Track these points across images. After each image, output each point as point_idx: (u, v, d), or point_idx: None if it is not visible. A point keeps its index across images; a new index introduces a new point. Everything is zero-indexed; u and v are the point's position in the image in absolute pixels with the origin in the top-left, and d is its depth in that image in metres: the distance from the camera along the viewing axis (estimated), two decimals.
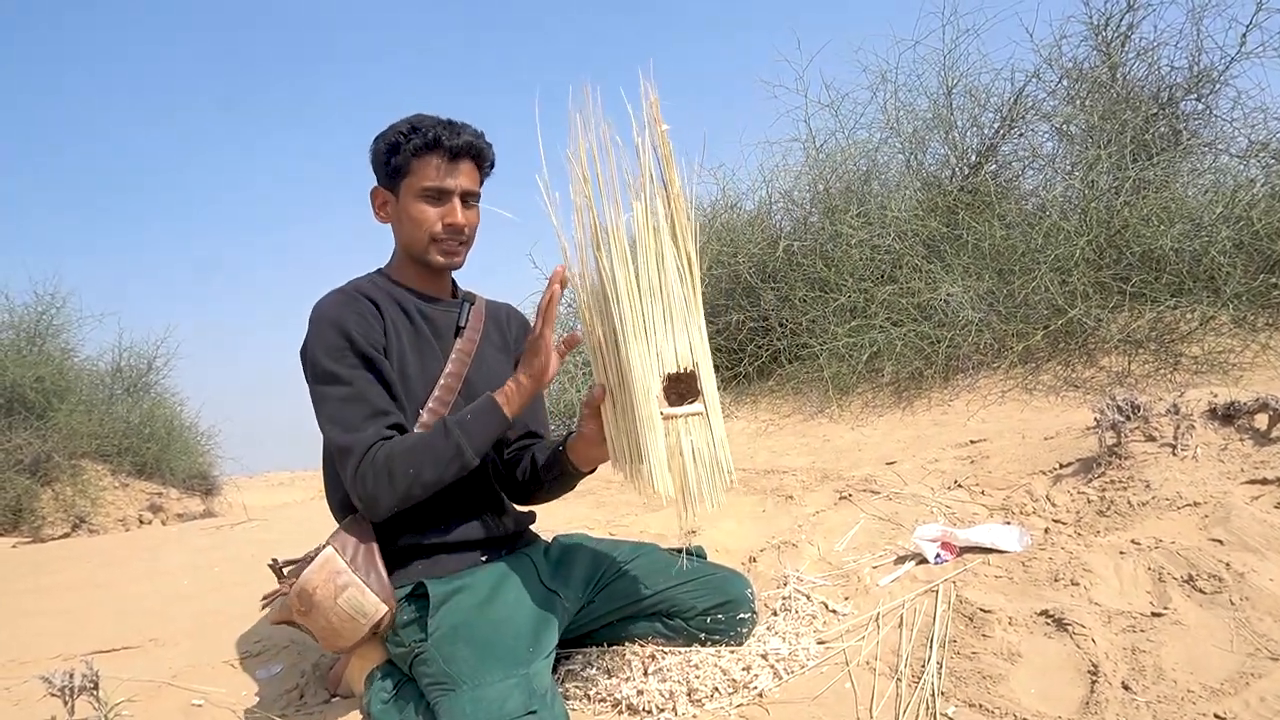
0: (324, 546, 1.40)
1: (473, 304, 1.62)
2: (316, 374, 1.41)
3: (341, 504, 1.50)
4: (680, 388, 1.33)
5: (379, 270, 1.59)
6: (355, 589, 1.36)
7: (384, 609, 1.37)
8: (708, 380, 1.32)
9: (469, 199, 1.52)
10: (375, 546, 1.41)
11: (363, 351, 1.40)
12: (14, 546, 4.11)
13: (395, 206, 1.52)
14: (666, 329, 1.31)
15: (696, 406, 1.31)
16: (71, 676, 1.60)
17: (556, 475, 1.57)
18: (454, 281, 1.65)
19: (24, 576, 2.84)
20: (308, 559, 1.40)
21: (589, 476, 1.63)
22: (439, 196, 1.48)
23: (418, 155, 1.46)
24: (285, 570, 1.44)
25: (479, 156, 1.51)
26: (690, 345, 1.32)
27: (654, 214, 1.31)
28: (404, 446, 1.35)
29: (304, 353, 1.44)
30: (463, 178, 1.49)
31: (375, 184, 1.55)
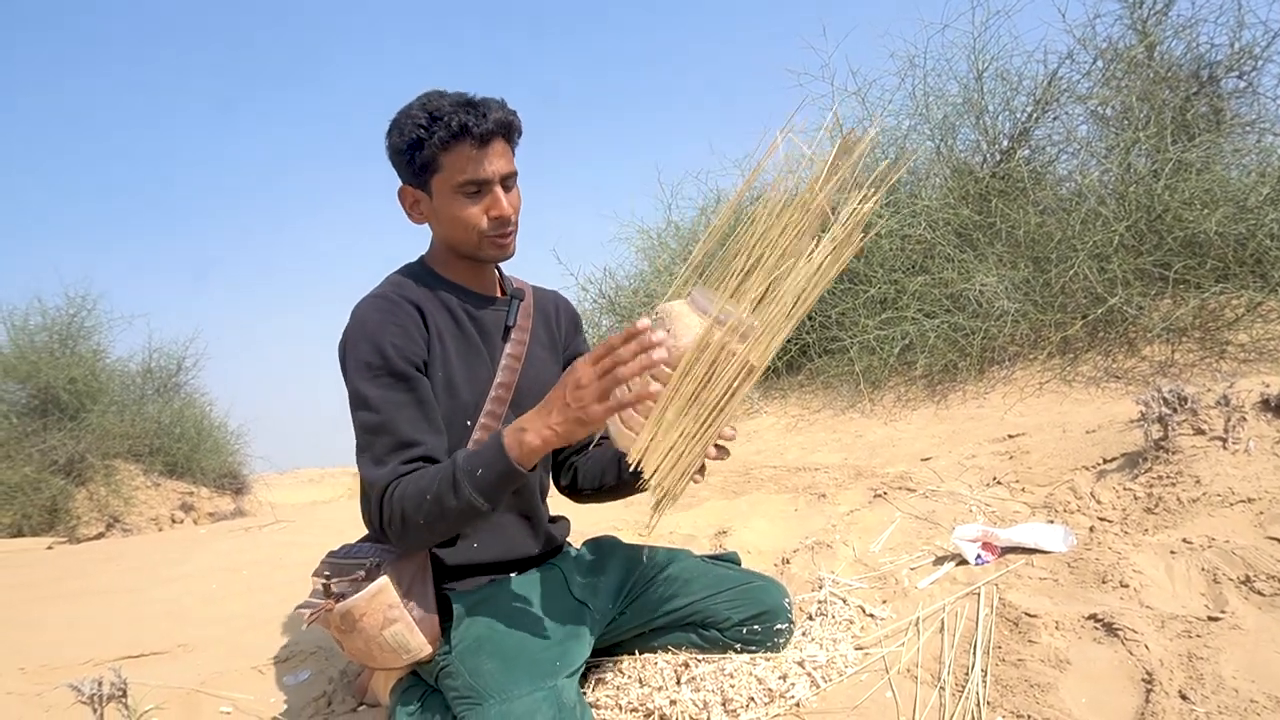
0: (378, 570, 1.31)
1: (522, 300, 1.51)
2: (349, 394, 1.32)
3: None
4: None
5: (420, 261, 1.48)
6: (404, 625, 1.29)
7: (428, 650, 1.32)
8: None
9: (508, 181, 1.37)
10: (430, 581, 1.35)
11: (397, 370, 1.30)
12: (49, 548, 4.16)
13: (430, 205, 1.38)
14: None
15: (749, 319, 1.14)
16: (100, 684, 1.59)
17: (615, 483, 1.51)
18: (501, 273, 1.53)
19: (56, 580, 2.86)
20: (358, 579, 1.31)
21: None
22: (479, 189, 1.34)
23: (445, 148, 1.31)
24: (334, 586, 1.34)
25: (508, 131, 1.36)
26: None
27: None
28: (416, 491, 1.21)
29: (341, 356, 1.35)
30: (498, 160, 1.34)
31: (401, 183, 1.41)
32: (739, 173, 5.40)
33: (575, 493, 1.62)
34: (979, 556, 1.83)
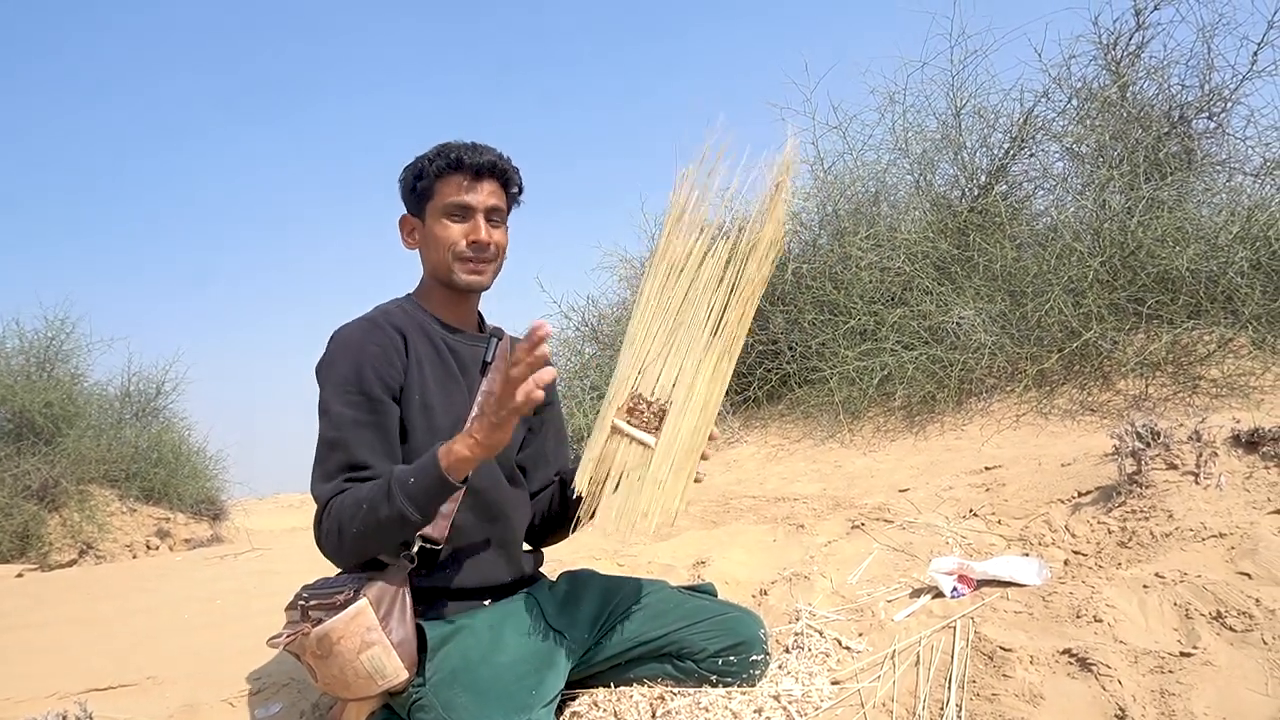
0: (357, 595, 1.31)
1: (500, 339, 1.58)
2: (318, 405, 1.38)
3: None
4: (659, 419, 1.29)
5: (407, 295, 1.56)
6: (381, 649, 1.29)
7: (404, 676, 1.31)
8: (675, 426, 1.27)
9: (494, 217, 1.49)
10: (409, 606, 1.35)
11: (368, 392, 1.35)
12: (19, 575, 4.08)
13: (422, 231, 1.50)
14: (662, 351, 1.28)
15: (648, 439, 1.27)
16: (64, 718, 1.56)
17: (561, 509, 1.57)
18: (481, 315, 1.61)
19: (25, 609, 2.80)
20: (336, 604, 1.32)
21: None
22: (463, 213, 1.46)
23: (441, 176, 1.45)
24: (312, 610, 1.35)
25: (504, 177, 1.49)
26: (676, 382, 1.28)
27: (715, 255, 1.29)
28: (353, 501, 1.27)
29: (318, 373, 1.41)
30: (487, 195, 1.47)
31: (404, 213, 1.54)
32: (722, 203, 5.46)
33: (548, 524, 1.67)
34: (955, 589, 1.84)
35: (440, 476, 1.23)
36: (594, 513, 1.29)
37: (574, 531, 1.60)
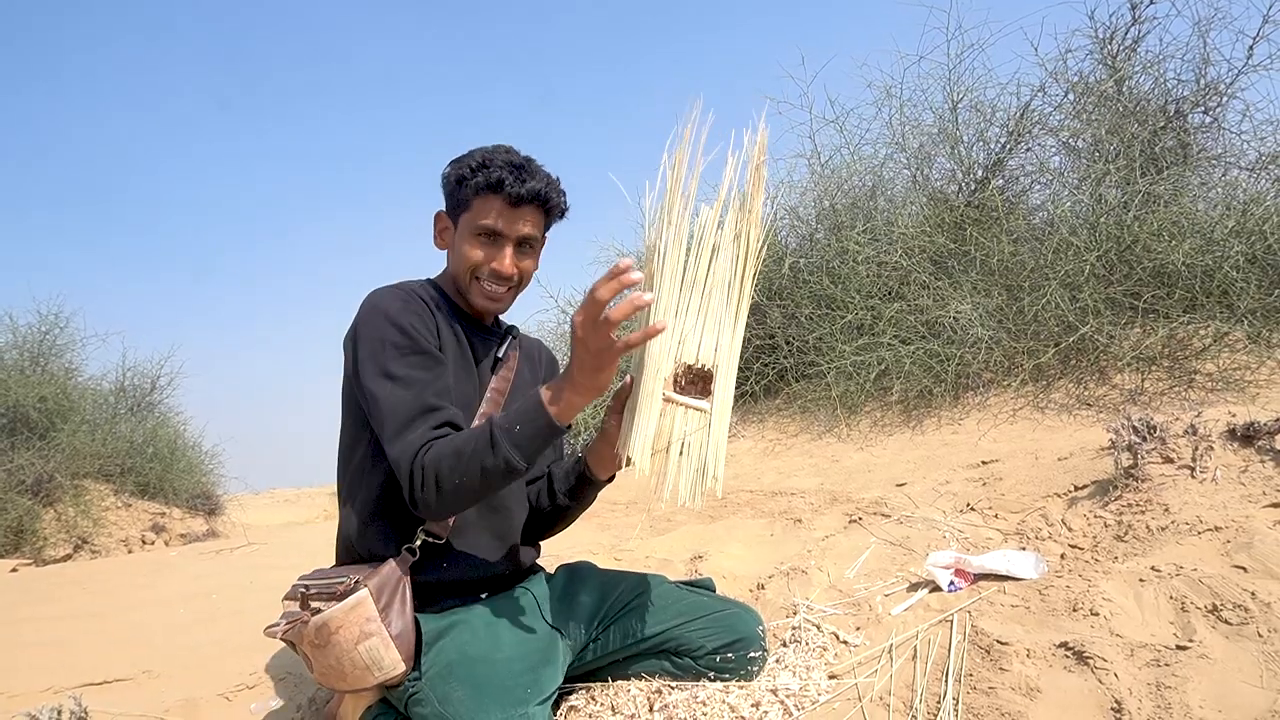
0: (357, 586, 1.31)
1: (514, 336, 1.59)
2: (369, 377, 1.33)
3: (360, 513, 1.42)
4: (697, 387, 1.34)
5: (431, 280, 1.54)
6: (380, 640, 1.28)
7: (401, 668, 1.30)
8: (723, 387, 1.33)
9: (525, 245, 1.47)
10: (409, 600, 1.34)
11: (423, 348, 1.35)
12: (13, 570, 4.08)
13: (452, 236, 1.48)
14: (698, 322, 1.32)
15: (702, 404, 1.32)
16: (59, 712, 1.56)
17: (574, 486, 1.56)
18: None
19: (20, 604, 2.80)
20: (336, 593, 1.31)
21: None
22: (493, 239, 1.44)
23: (479, 194, 1.42)
24: (312, 599, 1.35)
25: (544, 204, 1.45)
26: (717, 347, 1.33)
27: (722, 224, 1.34)
28: (450, 451, 1.24)
29: (352, 341, 1.38)
30: (523, 224, 1.43)
31: (442, 208, 1.52)
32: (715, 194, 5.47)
33: (542, 516, 1.64)
34: (952, 583, 1.84)
35: (549, 422, 1.23)
36: (661, 488, 1.30)
37: (579, 511, 1.62)
